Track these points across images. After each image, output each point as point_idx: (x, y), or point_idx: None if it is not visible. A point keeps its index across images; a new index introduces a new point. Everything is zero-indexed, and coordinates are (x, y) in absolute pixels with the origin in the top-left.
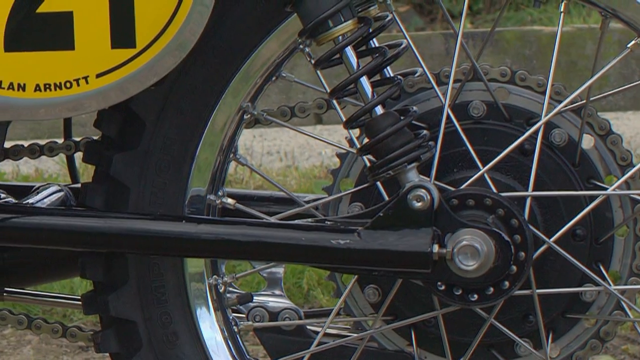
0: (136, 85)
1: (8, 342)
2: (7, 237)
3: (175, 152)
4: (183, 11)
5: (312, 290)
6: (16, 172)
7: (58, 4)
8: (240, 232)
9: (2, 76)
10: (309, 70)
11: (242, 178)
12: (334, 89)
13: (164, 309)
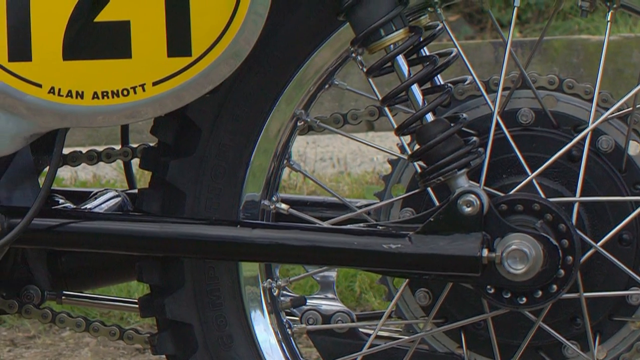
0: (192, 93)
1: (67, 345)
2: (65, 242)
3: (230, 158)
4: (238, 20)
5: (364, 294)
6: (74, 177)
7: (116, 13)
8: (293, 236)
9: (61, 84)
10: (361, 78)
11: (295, 184)
12: (385, 97)
13: (219, 312)
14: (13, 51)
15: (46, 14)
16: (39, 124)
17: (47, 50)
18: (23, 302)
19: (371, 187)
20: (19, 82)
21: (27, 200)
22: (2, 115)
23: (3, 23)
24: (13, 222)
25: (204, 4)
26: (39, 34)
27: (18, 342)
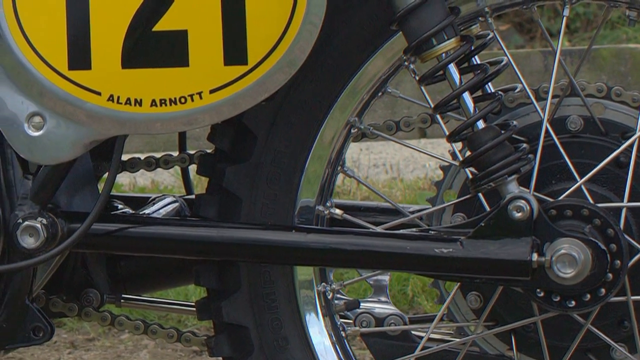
0: (248, 101)
1: (125, 347)
2: (124, 246)
3: (285, 165)
4: (293, 30)
5: (417, 297)
6: (133, 183)
7: (174, 22)
8: (347, 241)
9: (120, 92)
10: (413, 86)
11: (349, 189)
12: (437, 104)
13: (274, 315)
14: (73, 60)
15: (105, 24)
16: (98, 131)
17: (107, 59)
18: (83, 305)
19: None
20: (79, 90)
21: (87, 206)
22: (63, 123)
23: (63, 32)
24: (73, 227)
25: (259, 13)
26: (98, 43)
27: (78, 345)
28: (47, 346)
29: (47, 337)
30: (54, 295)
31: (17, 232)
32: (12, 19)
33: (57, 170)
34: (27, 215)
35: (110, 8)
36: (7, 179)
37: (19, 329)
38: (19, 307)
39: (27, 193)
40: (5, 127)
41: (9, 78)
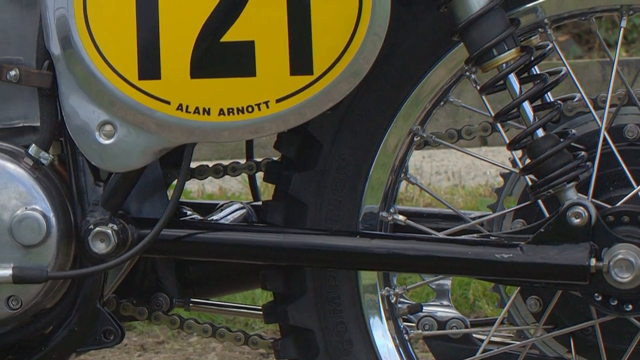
0: (313, 110)
1: (194, 350)
2: (193, 252)
3: (350, 172)
4: (357, 40)
5: (478, 301)
6: (201, 190)
7: (241, 33)
8: (410, 246)
9: (189, 101)
10: (474, 96)
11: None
12: (498, 113)
13: (339, 319)
14: (143, 70)
15: (175, 35)
16: (167, 139)
17: (176, 69)
18: (152, 309)
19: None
20: (149, 99)
21: (157, 212)
22: (133, 131)
23: (134, 43)
24: (143, 233)
25: (325, 24)
26: (167, 54)
27: (148, 347)
28: (118, 349)
29: (117, 340)
30: (125, 299)
31: (89, 237)
32: (84, 30)
33: (127, 178)
34: (98, 222)
35: (180, 19)
36: (79, 186)
37: (90, 332)
38: (91, 311)
39: (98, 200)
40: (77, 135)
41: (81, 88)
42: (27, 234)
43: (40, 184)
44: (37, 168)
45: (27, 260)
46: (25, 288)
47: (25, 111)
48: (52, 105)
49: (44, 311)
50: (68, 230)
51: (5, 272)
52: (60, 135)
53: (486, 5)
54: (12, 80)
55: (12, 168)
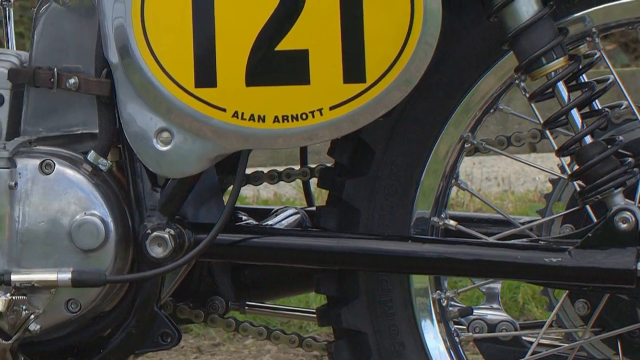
0: (366, 117)
1: (249, 352)
2: (248, 256)
3: (401, 178)
4: (409, 49)
5: (527, 304)
6: (256, 196)
7: (295, 42)
8: (461, 251)
9: (244, 108)
10: (523, 103)
11: (462, 202)
12: (547, 120)
13: (391, 321)
14: (199, 78)
15: (230, 43)
16: (223, 145)
17: (231, 77)
18: (209, 312)
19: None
20: (205, 106)
21: (213, 217)
22: (189, 138)
23: (190, 51)
24: (199, 238)
25: (377, 34)
26: (223, 62)
27: (204, 350)
28: (175, 351)
29: (174, 343)
30: (181, 302)
31: (146, 242)
32: (142, 38)
33: (184, 183)
34: (155, 226)
35: (235, 28)
36: (137, 192)
37: (148, 334)
38: (148, 313)
39: (155, 205)
40: (135, 142)
41: (139, 95)
42: (86, 238)
43: (99, 189)
44: (95, 174)
45: (85, 264)
46: (84, 292)
47: (84, 118)
48: (111, 112)
49: (102, 314)
50: (126, 234)
51: (65, 276)
52: (118, 142)
53: (535, 14)
54: (72, 88)
55: (72, 174)
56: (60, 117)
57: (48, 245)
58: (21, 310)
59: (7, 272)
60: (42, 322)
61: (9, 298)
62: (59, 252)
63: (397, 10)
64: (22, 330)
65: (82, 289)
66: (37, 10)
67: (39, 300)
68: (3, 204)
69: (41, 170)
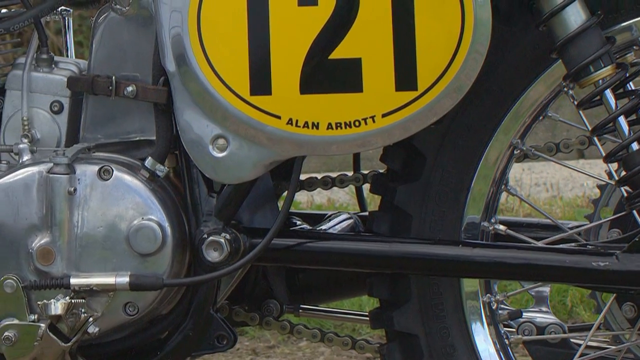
0: (418, 124)
1: (303, 354)
2: (302, 260)
3: (452, 184)
4: (460, 58)
5: (575, 307)
6: (310, 201)
7: (348, 51)
8: (511, 255)
9: (298, 116)
10: (572, 110)
11: (512, 207)
12: (594, 127)
13: (442, 324)
14: (255, 86)
15: (285, 52)
16: (278, 152)
17: (286, 85)
18: (264, 315)
19: (581, 210)
20: (260, 114)
21: (267, 222)
22: (245, 144)
23: (245, 60)
24: (254, 242)
25: (429, 42)
26: (278, 70)
27: (259, 352)
28: (230, 353)
29: (230, 345)
30: (237, 305)
31: (203, 246)
32: (198, 47)
33: (239, 189)
34: (211, 231)
35: (290, 37)
36: (193, 197)
37: (204, 337)
38: (204, 316)
39: (211, 210)
40: (191, 148)
41: (195, 103)
42: (143, 243)
43: (156, 195)
44: (153, 180)
45: (143, 268)
46: (142, 295)
47: (141, 125)
48: (168, 119)
49: (159, 317)
50: (183, 239)
51: (123, 280)
52: (175, 148)
53: (583, 24)
54: (130, 95)
55: (130, 180)
56: (118, 124)
57: (106, 250)
58: (80, 313)
59: (66, 276)
60: (101, 324)
61: (68, 301)
62: (117, 257)
63: (448, 19)
64: (81, 332)
65: (139, 293)
66: (96, 20)
67: (98, 304)
68: (62, 209)
69: (100, 176)
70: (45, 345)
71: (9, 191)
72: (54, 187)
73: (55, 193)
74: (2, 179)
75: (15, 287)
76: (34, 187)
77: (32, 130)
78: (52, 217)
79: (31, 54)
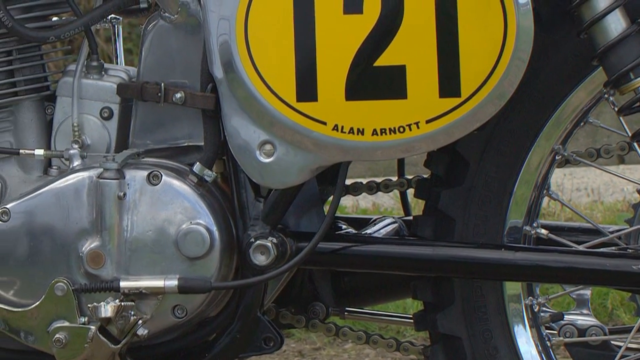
0: (461, 130)
1: (349, 355)
2: (348, 263)
3: (495, 189)
4: (502, 65)
5: (616, 310)
6: (355, 206)
7: (393, 58)
8: (553, 259)
9: (344, 122)
10: (612, 117)
11: (554, 211)
12: (635, 133)
13: (485, 326)
14: (301, 93)
15: (331, 59)
16: (323, 157)
17: (332, 92)
18: (310, 317)
19: (622, 214)
20: (306, 120)
21: (313, 226)
22: (291, 150)
23: (292, 67)
24: (301, 246)
25: (472, 50)
26: (324, 77)
27: (305, 354)
28: (277, 355)
29: (277, 347)
30: (284, 308)
31: (250, 250)
32: (245, 54)
33: (286, 194)
34: (259, 235)
35: (335, 45)
36: (241, 202)
37: (251, 339)
38: (252, 319)
39: (258, 214)
40: (239, 154)
41: (242, 109)
42: (192, 246)
43: (204, 199)
44: (201, 185)
45: (191, 271)
46: (190, 298)
47: (189, 131)
48: (216, 125)
49: (207, 319)
50: (230, 243)
51: (172, 283)
52: (222, 153)
53: (624, 31)
54: (178, 102)
55: (178, 185)
56: (166, 130)
57: (155, 254)
58: (129, 315)
59: (116, 279)
60: (150, 327)
61: (118, 304)
62: (165, 260)
63: (491, 27)
64: (130, 334)
65: (188, 295)
66: (145, 28)
67: (147, 306)
68: (112, 214)
69: (149, 181)
70: (95, 347)
71: (60, 196)
72: (104, 191)
73: (105, 198)
74: (53, 184)
75: (65, 290)
76: (85, 191)
77: (82, 136)
78: (102, 221)
79: (81, 62)
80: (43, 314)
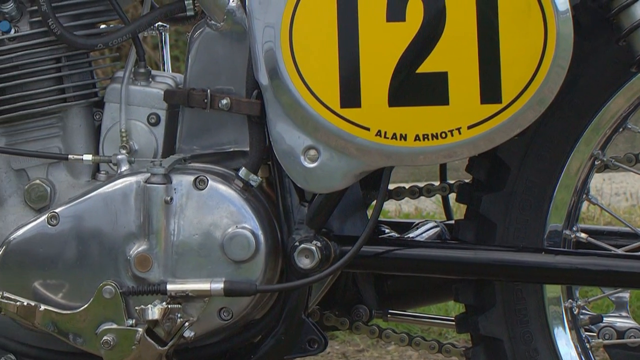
0: (502, 136)
1: (392, 357)
2: (391, 267)
3: (535, 193)
4: (543, 71)
5: None
6: (398, 210)
7: (435, 65)
8: (592, 262)
9: (387, 128)
10: None
11: (593, 215)
12: None
13: (526, 328)
14: (345, 99)
15: (374, 66)
16: (367, 163)
17: (375, 98)
18: (353, 320)
19: None
20: (350, 126)
21: (357, 230)
22: (335, 155)
23: (336, 74)
24: (344, 249)
25: (513, 57)
26: (367, 84)
27: (349, 355)
28: (321, 356)
29: (321, 349)
30: (328, 310)
31: (295, 253)
32: (290, 61)
33: (330, 198)
34: (303, 239)
35: (379, 52)
36: (286, 206)
37: (296, 341)
38: (296, 321)
39: (303, 218)
40: (283, 159)
41: (287, 115)
42: (237, 250)
43: (250, 204)
44: (246, 189)
45: (237, 274)
46: (236, 300)
47: (235, 137)
48: (261, 131)
49: (253, 321)
50: (275, 246)
51: (218, 286)
52: (268, 159)
53: None
54: (224, 108)
55: (224, 189)
56: (212, 135)
57: (201, 257)
58: (176, 318)
59: (163, 282)
60: (196, 329)
61: (165, 307)
62: (211, 264)
63: (531, 34)
64: (177, 336)
65: (234, 298)
66: (192, 35)
67: (193, 309)
68: (159, 218)
69: (195, 186)
70: (143, 349)
71: (108, 200)
72: (151, 196)
73: (153, 202)
74: (102, 189)
75: (113, 292)
76: (132, 196)
77: (130, 142)
78: (149, 225)
79: (129, 68)
80: (91, 316)
